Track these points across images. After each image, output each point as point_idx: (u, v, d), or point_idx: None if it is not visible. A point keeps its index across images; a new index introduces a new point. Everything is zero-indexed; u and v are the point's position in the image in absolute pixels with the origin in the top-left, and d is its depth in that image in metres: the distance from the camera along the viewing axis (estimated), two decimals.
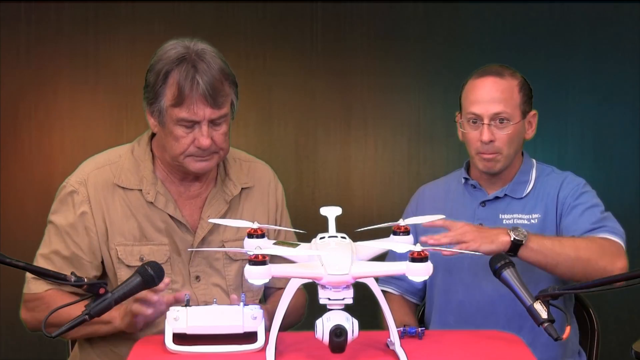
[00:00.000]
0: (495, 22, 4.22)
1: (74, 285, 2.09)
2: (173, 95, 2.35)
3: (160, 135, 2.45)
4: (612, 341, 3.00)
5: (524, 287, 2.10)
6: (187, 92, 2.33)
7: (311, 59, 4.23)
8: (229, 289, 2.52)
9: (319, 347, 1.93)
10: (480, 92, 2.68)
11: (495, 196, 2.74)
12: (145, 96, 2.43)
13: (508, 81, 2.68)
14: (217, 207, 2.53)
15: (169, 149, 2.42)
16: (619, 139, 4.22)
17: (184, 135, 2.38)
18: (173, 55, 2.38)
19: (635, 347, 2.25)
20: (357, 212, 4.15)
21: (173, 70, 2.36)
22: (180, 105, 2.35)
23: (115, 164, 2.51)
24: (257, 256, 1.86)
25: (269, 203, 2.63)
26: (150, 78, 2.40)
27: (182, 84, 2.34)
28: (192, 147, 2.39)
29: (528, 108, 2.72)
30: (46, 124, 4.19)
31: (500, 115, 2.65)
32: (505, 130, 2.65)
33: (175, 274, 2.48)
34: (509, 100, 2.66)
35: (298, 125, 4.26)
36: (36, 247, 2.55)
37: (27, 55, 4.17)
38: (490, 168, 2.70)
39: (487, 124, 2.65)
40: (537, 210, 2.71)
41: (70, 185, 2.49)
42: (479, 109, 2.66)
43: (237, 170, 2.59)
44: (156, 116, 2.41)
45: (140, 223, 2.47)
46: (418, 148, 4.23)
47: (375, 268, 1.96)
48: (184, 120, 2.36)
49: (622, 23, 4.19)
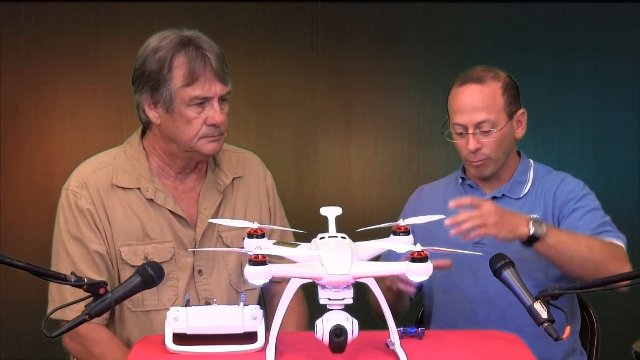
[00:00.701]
0: (495, 22, 4.22)
1: (74, 285, 2.09)
2: (184, 75, 2.39)
3: (166, 125, 2.45)
4: (612, 341, 2.99)
5: (524, 287, 2.10)
6: (200, 69, 2.38)
7: (311, 59, 4.23)
8: (231, 278, 2.55)
9: (319, 347, 1.93)
10: (462, 101, 2.67)
11: (492, 196, 2.74)
12: (142, 88, 2.43)
13: (489, 86, 2.66)
14: (212, 198, 2.55)
15: (180, 134, 2.43)
16: (619, 139, 4.22)
17: (195, 116, 2.41)
18: (172, 41, 2.42)
19: (635, 347, 2.24)
20: (357, 212, 4.15)
21: (178, 53, 2.40)
22: (193, 84, 2.39)
23: (111, 166, 2.51)
24: (257, 256, 1.86)
25: (259, 192, 2.65)
26: (150, 67, 2.41)
27: (193, 63, 2.39)
28: (205, 128, 2.42)
29: (515, 108, 2.70)
30: (46, 124, 4.19)
31: (483, 123, 2.64)
32: (490, 137, 2.65)
33: (180, 270, 2.50)
34: (491, 106, 2.64)
35: (298, 125, 4.26)
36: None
37: (27, 55, 4.17)
38: (482, 173, 2.71)
39: (472, 133, 2.64)
40: (535, 210, 2.70)
41: (72, 190, 2.49)
42: (462, 119, 2.66)
43: (226, 160, 2.62)
44: (161, 104, 2.42)
45: (142, 222, 2.48)
46: (418, 148, 4.24)
47: (375, 268, 1.96)
48: (197, 99, 2.39)
49: (622, 23, 4.19)
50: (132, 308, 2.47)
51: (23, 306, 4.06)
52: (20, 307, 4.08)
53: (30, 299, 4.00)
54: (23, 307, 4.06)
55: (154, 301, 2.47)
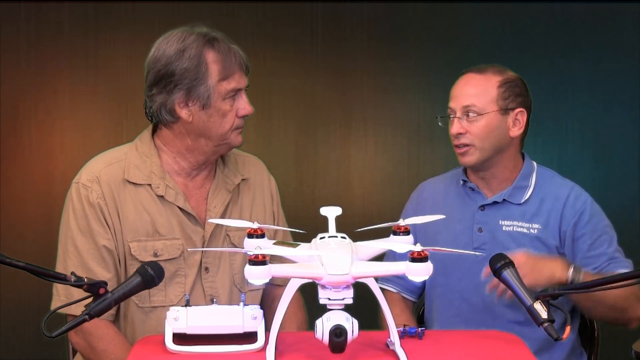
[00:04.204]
0: (495, 22, 4.22)
1: (74, 285, 2.09)
2: (219, 70, 2.45)
3: (199, 121, 2.46)
4: (612, 341, 2.99)
5: (524, 287, 2.09)
6: (231, 62, 2.46)
7: (311, 59, 4.23)
8: (235, 278, 2.56)
9: (319, 347, 1.93)
10: (457, 86, 2.72)
11: (493, 201, 2.73)
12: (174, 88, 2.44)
13: (486, 76, 2.69)
14: (221, 197, 2.56)
15: (216, 129, 2.47)
16: (619, 139, 4.22)
17: (229, 108, 2.48)
18: (197, 39, 2.46)
19: (635, 347, 2.25)
20: (357, 212, 4.15)
21: (210, 49, 2.45)
22: (228, 78, 2.46)
23: (122, 161, 2.52)
24: (257, 256, 1.86)
25: (264, 195, 2.67)
26: (182, 66, 2.43)
27: (224, 57, 2.46)
28: (237, 120, 2.50)
29: (513, 105, 2.69)
30: (46, 124, 4.19)
31: (469, 108, 2.66)
32: (474, 123, 2.66)
33: (188, 267, 2.51)
34: (481, 94, 2.67)
35: (298, 125, 4.26)
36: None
37: (27, 55, 4.17)
38: (466, 162, 2.70)
39: (457, 117, 2.67)
40: (537, 220, 2.69)
41: (83, 184, 2.50)
42: (452, 103, 2.70)
43: (232, 162, 2.64)
44: (197, 102, 2.44)
45: (152, 218, 2.49)
46: (418, 148, 4.24)
47: (375, 268, 1.96)
48: (232, 91, 2.47)
49: (622, 23, 4.19)
50: (139, 304, 2.48)
51: (23, 306, 4.06)
52: (20, 307, 4.08)
53: (30, 298, 4.01)
54: (23, 307, 4.06)
55: (161, 297, 2.48)
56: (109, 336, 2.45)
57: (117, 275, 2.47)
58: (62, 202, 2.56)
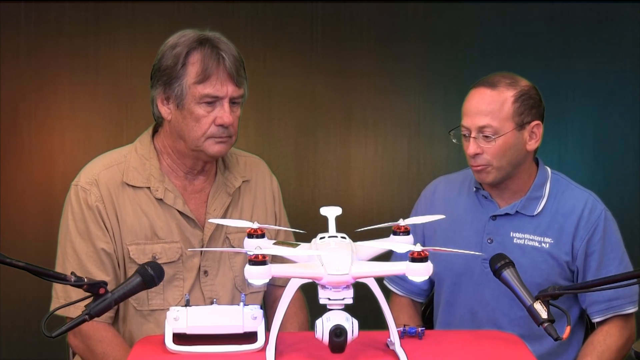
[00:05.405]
0: (495, 22, 4.22)
1: (74, 285, 2.09)
2: (197, 72, 2.41)
3: (176, 122, 2.46)
4: None
5: (524, 287, 2.09)
6: (213, 68, 2.40)
7: (311, 59, 4.23)
8: (236, 280, 2.55)
9: (319, 347, 1.94)
10: (470, 103, 2.63)
11: (505, 212, 2.68)
12: (157, 83, 2.45)
13: (500, 92, 2.59)
14: (221, 200, 2.55)
15: (188, 132, 2.44)
16: (619, 139, 4.22)
17: (204, 114, 2.42)
18: (191, 38, 2.44)
19: (635, 347, 2.24)
20: (357, 212, 4.15)
21: (194, 50, 2.42)
22: (204, 82, 2.40)
23: (122, 164, 2.52)
24: (257, 256, 1.86)
25: (266, 196, 2.66)
26: (166, 62, 2.43)
27: (207, 60, 2.41)
28: (213, 127, 2.43)
29: (528, 118, 2.61)
30: (46, 124, 4.19)
31: (485, 128, 2.58)
32: (491, 143, 2.58)
33: (186, 270, 2.50)
34: (496, 112, 2.58)
35: (298, 125, 4.26)
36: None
37: (27, 55, 4.17)
38: (483, 180, 2.65)
39: (473, 137, 2.60)
40: (550, 234, 2.65)
41: (82, 187, 2.49)
42: (466, 122, 2.62)
43: (234, 164, 2.63)
44: (172, 100, 2.43)
45: (151, 221, 2.49)
46: (418, 148, 4.23)
47: (375, 268, 1.96)
48: (208, 97, 2.41)
49: (622, 23, 4.19)
50: (138, 307, 2.48)
51: (23, 306, 4.06)
52: (21, 306, 4.08)
53: (30, 298, 4.01)
54: (23, 307, 4.06)
55: (159, 300, 2.47)
56: (107, 339, 2.45)
57: (115, 278, 2.47)
58: (62, 202, 2.56)
